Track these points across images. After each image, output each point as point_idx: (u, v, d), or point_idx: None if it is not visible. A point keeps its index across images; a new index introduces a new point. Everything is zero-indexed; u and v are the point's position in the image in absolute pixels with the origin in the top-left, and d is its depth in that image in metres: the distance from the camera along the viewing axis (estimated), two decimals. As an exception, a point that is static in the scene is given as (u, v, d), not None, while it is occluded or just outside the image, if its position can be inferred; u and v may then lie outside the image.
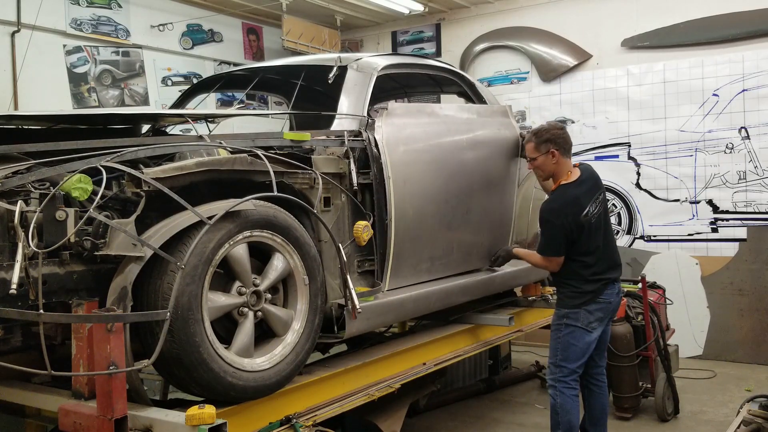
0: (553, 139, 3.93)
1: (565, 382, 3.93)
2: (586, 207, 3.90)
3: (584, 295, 3.92)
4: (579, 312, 3.92)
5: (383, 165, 3.65)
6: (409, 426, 4.99)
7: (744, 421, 4.01)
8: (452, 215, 4.15)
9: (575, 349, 3.92)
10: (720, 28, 6.71)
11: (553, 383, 3.98)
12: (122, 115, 3.73)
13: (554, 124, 4.09)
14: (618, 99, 7.29)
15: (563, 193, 3.95)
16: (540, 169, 4.05)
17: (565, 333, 3.94)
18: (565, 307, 3.98)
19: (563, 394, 3.92)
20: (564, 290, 4.02)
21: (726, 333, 6.81)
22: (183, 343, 2.59)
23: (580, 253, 3.91)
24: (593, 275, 3.92)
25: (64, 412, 2.53)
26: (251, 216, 2.87)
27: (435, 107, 4.50)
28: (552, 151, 3.92)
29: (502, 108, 4.86)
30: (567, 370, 3.93)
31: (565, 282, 4.00)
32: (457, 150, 4.21)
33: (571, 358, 3.93)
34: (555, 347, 4.00)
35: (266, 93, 7.29)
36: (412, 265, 3.90)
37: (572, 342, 3.92)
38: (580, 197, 3.91)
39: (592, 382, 4.20)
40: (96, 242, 2.54)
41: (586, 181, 4.00)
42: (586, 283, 3.92)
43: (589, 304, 3.92)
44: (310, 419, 3.12)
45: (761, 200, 6.64)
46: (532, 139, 4.00)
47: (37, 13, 5.78)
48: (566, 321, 3.95)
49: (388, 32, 8.72)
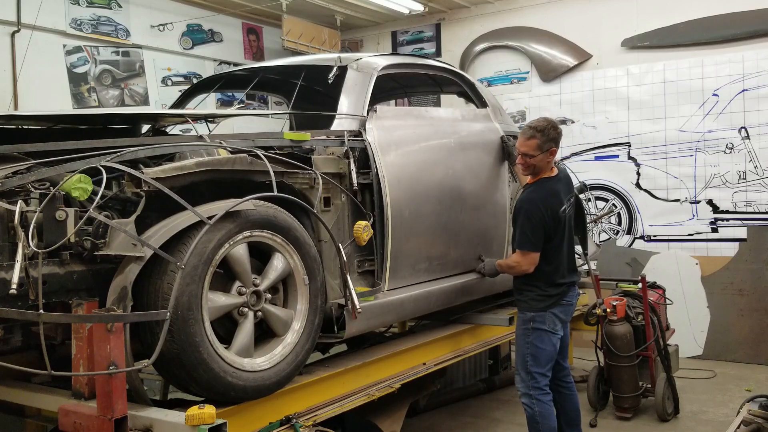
0: (556, 138, 3.86)
1: (540, 388, 3.86)
2: (564, 203, 3.87)
3: (550, 298, 3.87)
4: (545, 315, 3.85)
5: (378, 165, 3.66)
6: (409, 426, 4.99)
7: (744, 421, 4.01)
8: (447, 215, 4.16)
9: (544, 354, 3.86)
10: (720, 28, 6.71)
11: (527, 391, 3.88)
12: (122, 115, 3.74)
13: (553, 121, 3.93)
14: (618, 99, 7.29)
15: (543, 185, 3.88)
16: (535, 166, 3.89)
17: (533, 338, 3.86)
18: (531, 310, 3.89)
19: (540, 402, 3.85)
20: (529, 293, 3.91)
21: (726, 333, 6.80)
22: (183, 343, 2.59)
23: (548, 255, 3.85)
24: (561, 278, 3.89)
25: (64, 412, 2.53)
26: (251, 216, 2.87)
27: (421, 110, 4.53)
28: (553, 150, 3.86)
29: (484, 111, 4.87)
30: (539, 375, 3.86)
31: (531, 285, 3.90)
32: (446, 151, 4.22)
33: (542, 363, 3.86)
34: (524, 354, 3.90)
35: (266, 93, 7.29)
36: (410, 265, 3.90)
37: (541, 346, 3.85)
38: (560, 192, 3.88)
39: (562, 385, 4.15)
40: (96, 242, 2.54)
41: (562, 180, 3.98)
42: (552, 286, 3.87)
43: (554, 306, 3.87)
44: (310, 419, 3.12)
45: (761, 200, 6.64)
46: (536, 136, 3.82)
47: (37, 13, 5.78)
48: (533, 325, 3.87)
49: (388, 32, 8.72)
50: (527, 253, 3.84)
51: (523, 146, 3.87)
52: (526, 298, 3.93)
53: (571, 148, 7.56)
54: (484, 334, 4.64)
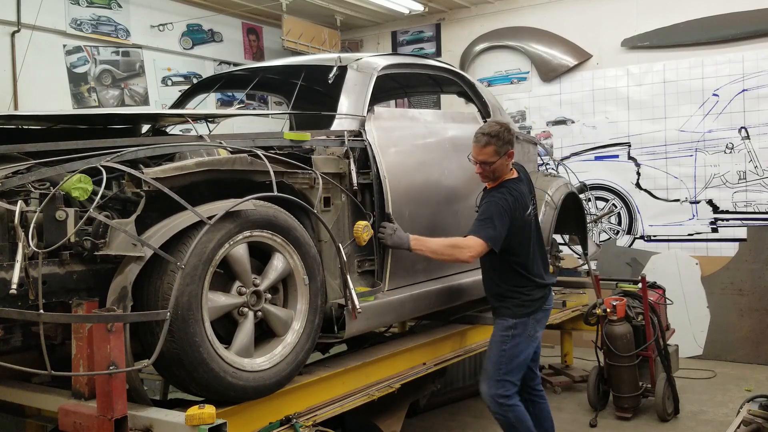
0: (511, 140, 3.67)
1: (509, 396, 3.73)
2: (529, 205, 3.78)
3: (534, 302, 3.76)
4: (527, 321, 3.75)
5: (378, 165, 3.66)
6: (409, 426, 4.99)
7: (744, 421, 4.02)
8: (445, 215, 4.16)
9: (519, 362, 3.75)
10: (720, 28, 6.71)
11: (498, 399, 3.73)
12: (122, 115, 3.73)
13: (505, 124, 3.75)
14: (618, 99, 7.29)
15: (512, 187, 3.70)
16: (496, 172, 3.71)
17: (511, 345, 3.73)
18: (514, 317, 3.74)
19: (514, 407, 3.74)
20: (514, 300, 3.76)
21: (726, 333, 6.80)
22: (183, 343, 2.59)
23: (525, 258, 3.73)
24: (541, 280, 3.80)
25: (64, 412, 2.53)
26: (251, 216, 2.87)
27: (415, 112, 4.53)
28: (510, 152, 3.68)
29: (471, 114, 4.86)
30: (510, 384, 3.73)
31: (516, 290, 3.76)
32: (440, 152, 4.22)
33: (515, 372, 3.75)
34: (498, 361, 3.74)
35: (266, 93, 7.29)
36: (410, 265, 3.90)
37: (516, 354, 3.74)
38: (525, 194, 3.76)
39: (534, 393, 4.06)
40: (96, 242, 2.54)
41: (523, 180, 3.83)
42: (536, 289, 3.77)
43: (537, 312, 3.77)
44: (310, 419, 3.12)
45: (761, 200, 6.64)
46: (492, 142, 3.61)
47: (37, 13, 5.78)
48: (513, 332, 3.73)
49: (388, 32, 8.72)
50: (479, 241, 3.56)
51: (480, 155, 3.66)
52: (508, 305, 3.78)
53: (571, 148, 7.57)
54: (483, 334, 4.63)
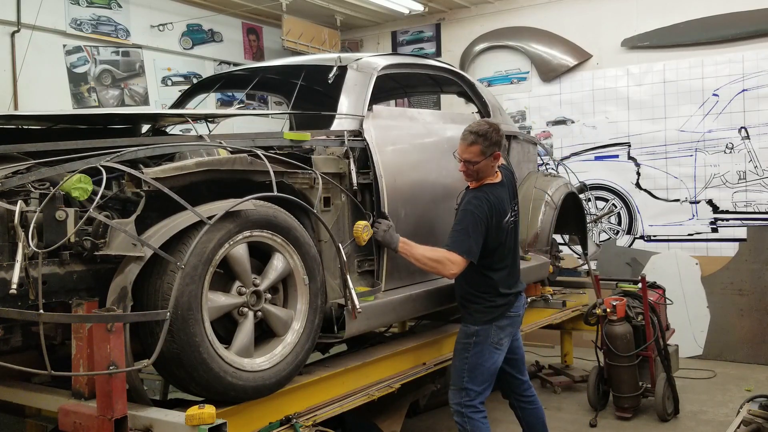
0: (499, 141, 3.60)
1: (473, 406, 3.64)
2: (508, 212, 3.70)
3: (497, 309, 3.67)
4: (490, 328, 3.65)
5: (376, 165, 3.66)
6: (409, 426, 4.99)
7: (744, 421, 4.02)
8: (443, 216, 4.15)
9: (483, 370, 3.65)
10: (720, 28, 6.71)
11: (459, 408, 3.65)
12: (122, 115, 3.73)
13: (495, 125, 3.67)
14: (618, 99, 7.29)
15: (490, 192, 3.62)
16: (480, 172, 3.63)
17: (474, 353, 3.65)
18: (476, 323, 3.67)
19: (472, 419, 3.62)
20: (476, 306, 3.69)
21: (726, 333, 6.80)
22: (183, 343, 2.59)
23: (495, 263, 3.66)
24: (507, 288, 3.70)
25: (64, 412, 2.52)
26: (251, 216, 2.87)
27: (414, 112, 4.50)
28: (496, 154, 3.61)
29: (469, 115, 4.85)
30: (474, 393, 3.64)
31: (478, 295, 3.69)
32: (438, 152, 4.21)
33: (478, 380, 3.64)
34: (460, 369, 3.68)
35: (266, 93, 7.29)
36: (407, 265, 3.89)
37: (480, 362, 3.64)
38: (504, 201, 3.67)
39: (523, 400, 3.97)
40: (96, 242, 2.54)
41: (506, 185, 3.76)
42: (499, 296, 3.67)
43: (500, 319, 3.67)
44: (310, 419, 3.12)
45: (761, 200, 6.64)
46: (478, 141, 3.55)
47: (37, 13, 5.78)
48: (475, 339, 3.65)
49: (388, 32, 8.72)
50: (459, 258, 3.52)
51: (465, 153, 3.60)
52: (471, 310, 3.72)
53: (571, 148, 7.57)
54: (484, 334, 4.63)
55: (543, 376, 6.14)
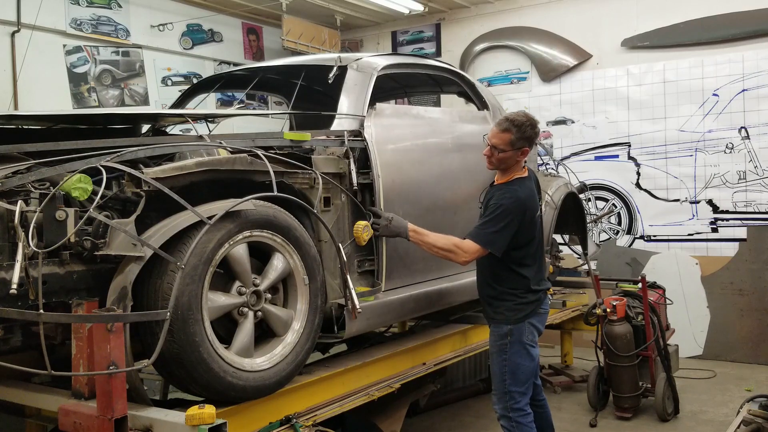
0: (532, 137, 3.51)
1: (520, 409, 3.53)
2: (537, 207, 3.65)
3: (527, 306, 3.54)
4: (523, 326, 3.53)
5: (374, 164, 3.65)
6: (409, 426, 4.99)
7: (744, 421, 4.02)
8: (443, 215, 4.15)
9: (524, 369, 3.53)
10: (720, 28, 6.71)
11: (506, 413, 3.54)
12: (122, 115, 3.73)
13: (532, 119, 3.54)
14: (618, 99, 7.29)
15: (523, 186, 3.55)
16: (501, 162, 3.54)
17: (511, 353, 3.51)
18: (507, 322, 3.54)
19: (521, 425, 3.52)
20: (506, 303, 3.56)
21: (726, 333, 6.80)
22: (183, 343, 2.59)
23: (526, 258, 3.57)
24: (537, 284, 3.60)
25: (64, 412, 2.53)
26: (251, 216, 2.87)
27: (420, 109, 4.47)
28: (525, 150, 3.53)
29: (482, 114, 4.85)
30: (519, 394, 3.52)
31: (509, 293, 3.56)
32: (443, 152, 4.21)
33: (521, 381, 3.52)
34: (501, 372, 3.54)
35: (266, 93, 7.29)
36: (406, 266, 3.89)
37: (519, 362, 3.52)
38: (535, 195, 3.62)
39: (535, 403, 3.81)
40: (96, 242, 2.54)
41: (534, 181, 3.72)
42: (530, 292, 3.56)
43: (532, 316, 3.55)
44: (310, 419, 3.12)
45: (761, 200, 6.64)
46: (511, 130, 3.45)
47: (37, 13, 5.78)
48: (510, 339, 3.52)
49: (388, 32, 8.72)
50: (477, 247, 3.45)
51: (495, 137, 3.49)
52: (501, 309, 3.58)
53: (571, 148, 7.57)
54: (483, 334, 4.63)
55: (543, 376, 6.13)
